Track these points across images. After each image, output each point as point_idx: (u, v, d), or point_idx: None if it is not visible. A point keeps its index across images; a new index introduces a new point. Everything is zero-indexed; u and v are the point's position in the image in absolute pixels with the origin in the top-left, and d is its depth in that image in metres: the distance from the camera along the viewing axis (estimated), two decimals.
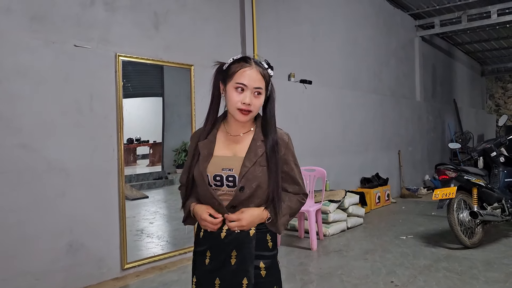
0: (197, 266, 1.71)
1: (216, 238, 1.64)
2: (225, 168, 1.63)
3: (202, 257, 1.68)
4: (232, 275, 1.61)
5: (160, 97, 5.20)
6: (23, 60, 3.36)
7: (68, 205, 3.59)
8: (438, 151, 11.05)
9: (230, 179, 1.62)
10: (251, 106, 1.60)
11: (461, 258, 4.40)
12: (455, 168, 4.88)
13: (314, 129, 6.55)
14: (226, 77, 1.64)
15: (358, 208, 6.12)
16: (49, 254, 3.46)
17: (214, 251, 1.65)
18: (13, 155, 3.28)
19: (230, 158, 1.65)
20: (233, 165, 1.63)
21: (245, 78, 1.59)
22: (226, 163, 1.64)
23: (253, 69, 1.61)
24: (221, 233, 1.63)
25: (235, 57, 1.67)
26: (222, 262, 1.63)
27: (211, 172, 1.63)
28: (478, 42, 12.73)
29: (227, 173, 1.62)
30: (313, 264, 4.38)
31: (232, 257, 1.62)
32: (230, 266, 1.62)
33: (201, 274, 1.68)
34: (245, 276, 1.61)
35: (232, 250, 1.62)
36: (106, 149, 3.90)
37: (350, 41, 7.70)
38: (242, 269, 1.61)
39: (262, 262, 1.64)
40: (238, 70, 1.60)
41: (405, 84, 9.69)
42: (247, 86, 1.59)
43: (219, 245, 1.64)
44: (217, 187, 1.64)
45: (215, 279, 1.63)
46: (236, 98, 1.59)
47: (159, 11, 4.45)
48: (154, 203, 5.11)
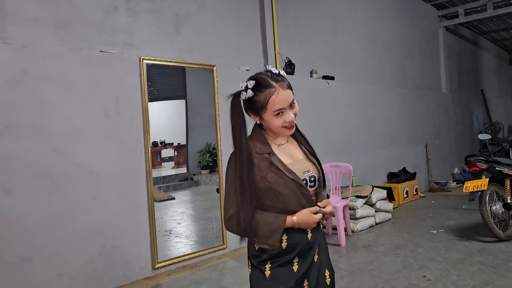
0: (282, 277, 1.61)
1: (303, 241, 1.64)
2: (305, 171, 1.67)
3: (288, 266, 1.62)
4: (318, 271, 1.67)
5: (183, 99, 5.27)
6: (51, 67, 3.46)
7: (99, 207, 3.68)
8: (467, 143, 10.78)
9: (312, 179, 1.68)
10: (294, 119, 1.63)
11: (495, 251, 4.29)
12: (486, 159, 4.75)
13: (338, 125, 6.49)
14: (257, 109, 1.60)
15: (386, 203, 6.03)
16: (83, 256, 3.55)
17: (302, 255, 1.65)
18: (46, 160, 3.38)
19: (298, 162, 1.68)
20: (307, 167, 1.68)
21: (280, 103, 1.57)
22: (302, 167, 1.67)
23: (281, 90, 1.57)
24: (308, 234, 1.66)
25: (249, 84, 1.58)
26: (310, 262, 1.66)
27: (299, 175, 1.63)
28: (505, 30, 12.35)
29: (309, 174, 1.67)
30: (342, 260, 4.34)
31: (315, 255, 1.68)
32: (315, 264, 1.67)
33: (291, 284, 1.61)
34: (326, 268, 1.71)
35: (316, 248, 1.69)
36: (133, 152, 3.97)
37: (372, 35, 7.61)
38: (325, 262, 1.71)
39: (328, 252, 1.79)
40: (268, 101, 1.56)
41: (429, 76, 9.50)
42: (285, 107, 1.59)
43: (307, 247, 1.66)
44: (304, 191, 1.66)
45: (304, 282, 1.64)
46: (279, 122, 1.59)
47: (180, 13, 4.51)
48: (181, 204, 5.18)
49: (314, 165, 1.71)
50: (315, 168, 1.70)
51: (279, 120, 1.59)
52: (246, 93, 1.58)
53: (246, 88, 1.58)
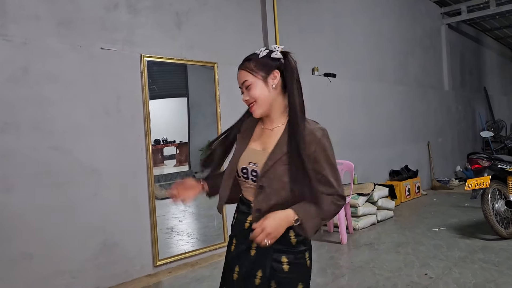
0: (228, 249, 1.76)
1: (241, 227, 1.68)
2: (251, 162, 1.63)
3: (230, 242, 1.75)
4: (250, 265, 1.62)
5: (185, 97, 5.25)
6: (52, 64, 3.45)
7: (100, 205, 3.68)
8: (469, 141, 10.74)
9: (253, 173, 1.61)
10: (250, 99, 1.63)
11: (497, 249, 4.27)
12: (488, 157, 4.74)
13: (340, 123, 6.48)
14: None
15: (388, 201, 6.02)
16: (84, 253, 3.55)
17: (238, 239, 1.69)
18: (47, 157, 3.38)
19: (258, 153, 1.64)
20: (258, 160, 1.61)
21: (237, 81, 1.67)
22: (253, 157, 1.64)
23: (239, 71, 1.66)
24: (245, 223, 1.66)
25: None
26: (243, 251, 1.65)
27: (240, 163, 1.66)
28: (508, 27, 12.29)
29: (252, 167, 1.62)
30: (343, 257, 4.33)
31: (252, 248, 1.63)
32: (250, 257, 1.63)
33: (227, 259, 1.74)
34: (260, 269, 1.59)
35: (252, 241, 1.54)
36: (134, 149, 3.97)
37: (374, 32, 7.58)
38: (259, 260, 1.60)
39: (284, 257, 1.58)
40: None
41: (432, 73, 9.46)
42: (240, 87, 1.67)
43: (242, 235, 1.66)
44: (243, 179, 1.66)
45: (236, 266, 1.67)
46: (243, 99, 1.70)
47: (181, 10, 4.49)
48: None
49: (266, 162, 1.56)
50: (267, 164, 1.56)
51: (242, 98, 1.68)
52: None
53: None
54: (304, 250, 1.65)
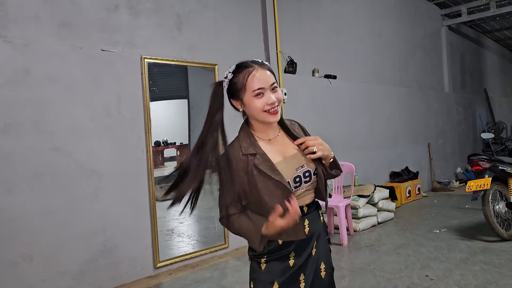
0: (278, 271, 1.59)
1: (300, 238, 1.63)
2: (298, 167, 1.61)
3: (284, 261, 1.60)
4: (314, 264, 1.65)
5: (185, 99, 5.25)
6: (52, 66, 3.46)
7: (101, 206, 3.68)
8: (470, 143, 10.73)
9: (306, 174, 1.62)
10: (276, 102, 1.55)
11: (498, 250, 4.26)
12: (488, 158, 4.73)
13: (341, 124, 6.47)
14: (237, 92, 1.56)
15: (388, 202, 6.01)
16: (84, 254, 3.55)
17: (299, 249, 1.62)
18: (48, 158, 3.38)
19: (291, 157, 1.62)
20: (301, 162, 1.62)
21: (260, 81, 1.53)
22: (295, 163, 1.61)
23: (259, 69, 1.55)
24: (305, 229, 1.62)
25: (230, 69, 1.58)
26: (307, 257, 1.63)
27: (290, 176, 1.57)
28: (508, 29, 12.29)
29: (302, 170, 1.61)
30: (344, 259, 4.33)
31: (313, 248, 1.65)
32: (312, 257, 1.64)
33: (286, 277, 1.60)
34: (322, 261, 1.67)
35: (314, 242, 1.65)
36: (135, 150, 3.97)
37: (374, 34, 7.58)
38: (322, 256, 1.68)
39: (330, 246, 1.76)
40: (247, 80, 1.53)
41: (432, 75, 9.46)
42: (264, 87, 1.54)
43: (305, 242, 1.62)
44: (296, 189, 1.60)
45: (300, 276, 1.62)
46: (260, 104, 1.53)
47: (181, 12, 4.50)
48: (183, 204, 5.16)
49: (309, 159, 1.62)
50: (309, 161, 1.63)
51: (260, 102, 1.53)
52: (227, 77, 1.57)
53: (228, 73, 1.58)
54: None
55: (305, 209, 1.64)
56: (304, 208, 1.63)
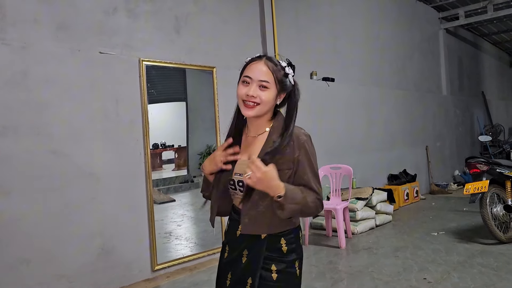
0: (221, 256, 1.75)
1: (233, 234, 1.68)
2: (237, 173, 1.62)
3: (223, 249, 1.73)
4: (241, 272, 1.62)
5: (184, 101, 5.26)
6: (50, 68, 3.45)
7: (98, 209, 3.67)
8: (468, 146, 10.75)
9: (240, 184, 1.60)
10: (256, 98, 1.53)
11: (496, 253, 4.27)
12: (486, 161, 4.74)
13: (339, 127, 6.48)
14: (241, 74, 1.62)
15: (386, 205, 6.02)
16: (82, 257, 3.54)
17: (231, 246, 1.69)
18: (45, 161, 3.37)
19: (244, 163, 1.60)
20: (243, 169, 1.56)
21: (251, 71, 1.56)
22: (239, 168, 1.62)
23: (261, 62, 1.57)
24: (237, 231, 1.65)
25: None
26: (235, 258, 1.65)
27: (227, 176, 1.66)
28: (505, 32, 12.34)
29: (238, 178, 1.61)
30: (342, 262, 4.32)
31: (243, 256, 1.62)
32: (241, 264, 1.62)
33: (220, 265, 1.73)
34: (250, 276, 1.58)
35: (244, 249, 1.62)
36: (133, 153, 3.96)
37: (372, 37, 7.60)
38: (250, 268, 1.59)
39: (274, 265, 1.57)
40: (247, 66, 1.59)
41: (430, 78, 9.49)
42: (252, 78, 1.54)
43: (235, 242, 1.66)
44: (232, 190, 1.67)
45: (228, 273, 1.66)
46: (242, 91, 1.55)
47: (180, 15, 4.50)
48: (181, 206, 5.16)
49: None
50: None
51: (242, 89, 1.56)
52: None
53: None
54: (295, 259, 1.61)
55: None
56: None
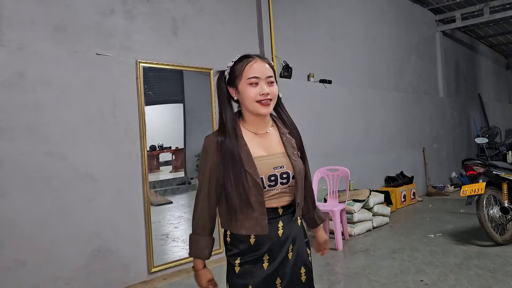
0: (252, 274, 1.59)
1: (274, 239, 1.60)
2: (276, 166, 1.59)
3: (259, 263, 1.59)
4: (292, 269, 1.63)
5: (181, 103, 5.26)
6: (47, 70, 3.44)
7: (95, 210, 3.66)
8: (464, 148, 10.79)
9: (284, 175, 1.60)
10: (270, 95, 1.57)
11: (493, 255, 4.27)
12: (483, 163, 4.75)
13: (336, 129, 6.49)
14: (234, 79, 1.61)
15: (384, 207, 6.02)
16: (78, 259, 3.52)
17: (273, 252, 1.60)
18: (41, 163, 3.36)
19: (275, 156, 1.61)
20: (281, 162, 1.61)
21: (256, 71, 1.57)
22: (275, 161, 1.60)
23: (259, 61, 1.60)
24: (279, 231, 1.61)
25: (234, 59, 1.65)
26: (283, 260, 1.61)
27: (265, 174, 1.56)
28: (502, 35, 12.41)
29: (281, 170, 1.59)
30: (339, 264, 4.32)
31: (289, 252, 1.63)
32: (289, 261, 1.63)
33: (260, 281, 1.59)
34: (302, 265, 1.66)
35: (289, 245, 1.63)
36: (130, 155, 3.95)
37: (369, 39, 7.62)
38: (301, 260, 1.66)
39: (308, 249, 1.73)
40: (245, 67, 1.59)
41: (427, 80, 9.52)
42: (259, 77, 1.57)
43: (277, 245, 1.61)
44: (270, 188, 1.59)
45: (276, 280, 1.60)
46: (253, 92, 1.56)
47: (177, 16, 4.50)
48: (178, 208, 5.15)
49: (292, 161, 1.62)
50: (291, 164, 1.62)
51: (253, 91, 1.56)
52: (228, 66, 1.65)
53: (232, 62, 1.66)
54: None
55: (280, 211, 1.62)
56: (279, 210, 1.62)
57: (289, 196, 1.64)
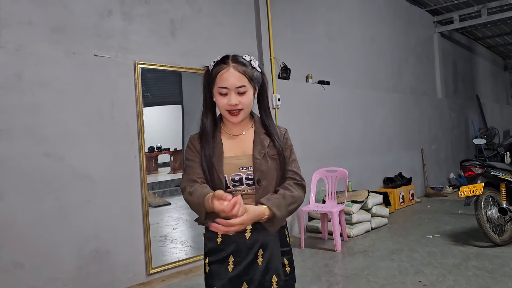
0: (218, 275, 1.59)
1: (240, 240, 1.58)
2: (242, 167, 1.61)
3: (224, 264, 1.59)
4: (261, 275, 1.57)
5: (179, 104, 5.25)
6: (45, 71, 3.44)
7: (93, 212, 3.65)
8: (463, 149, 10.81)
9: (250, 177, 1.60)
10: (239, 105, 1.57)
11: (491, 256, 4.28)
12: (481, 164, 4.75)
13: (335, 130, 6.49)
14: (210, 83, 1.62)
15: (382, 208, 6.02)
16: (76, 261, 3.51)
17: (238, 254, 1.58)
18: (39, 164, 3.35)
19: (244, 157, 1.63)
20: (249, 163, 1.61)
21: (224, 81, 1.56)
22: (242, 162, 1.62)
23: (230, 69, 1.56)
24: (246, 233, 1.58)
25: (216, 58, 1.63)
26: (249, 264, 1.57)
27: (228, 173, 1.61)
28: (499, 36, 12.44)
29: (246, 171, 1.61)
30: (338, 265, 4.32)
31: (259, 257, 1.58)
32: (258, 267, 1.57)
33: (225, 283, 1.58)
34: (274, 274, 1.58)
35: (259, 250, 1.58)
36: (128, 156, 3.95)
37: (367, 40, 7.63)
38: (272, 267, 1.58)
39: (285, 259, 1.65)
40: (217, 75, 1.58)
41: (425, 81, 9.53)
42: (228, 88, 1.56)
43: (244, 247, 1.58)
44: (235, 188, 1.61)
45: (242, 284, 1.57)
46: (222, 102, 1.58)
47: (175, 17, 4.50)
48: (177, 210, 5.15)
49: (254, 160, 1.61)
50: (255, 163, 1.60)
51: (223, 101, 1.58)
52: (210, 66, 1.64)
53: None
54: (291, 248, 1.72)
55: None
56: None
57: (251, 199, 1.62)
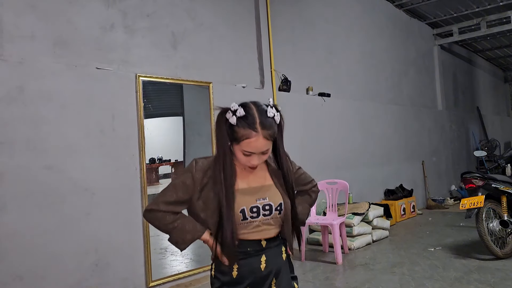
0: None
1: (256, 272, 1.61)
2: (259, 198, 1.62)
3: None
4: None
5: (181, 116, 5.27)
6: (47, 84, 3.46)
7: (93, 224, 3.64)
8: (464, 161, 10.79)
9: (266, 207, 1.62)
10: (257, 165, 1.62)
11: (493, 269, 4.25)
12: (482, 176, 4.75)
13: (335, 142, 6.50)
14: (232, 137, 1.56)
15: (383, 220, 6.00)
16: (76, 274, 3.50)
17: (255, 286, 1.62)
18: (40, 177, 3.36)
19: (260, 188, 1.65)
20: (265, 194, 1.63)
21: (252, 148, 1.53)
22: (258, 194, 1.63)
23: (259, 138, 1.51)
24: (261, 265, 1.62)
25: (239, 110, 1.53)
26: None
27: (247, 204, 1.60)
28: (499, 48, 12.51)
29: (263, 202, 1.62)
30: (339, 278, 4.29)
31: (272, 286, 1.63)
32: None
33: None
34: None
35: (272, 279, 1.63)
36: (128, 168, 3.95)
37: (367, 53, 7.68)
38: None
39: (295, 283, 1.71)
40: (244, 140, 1.52)
41: (425, 93, 9.57)
42: (254, 153, 1.56)
43: (260, 279, 1.62)
44: (252, 219, 1.61)
45: None
46: (243, 159, 1.58)
47: (177, 31, 4.55)
48: None
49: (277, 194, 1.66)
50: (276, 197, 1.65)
51: (245, 159, 1.58)
52: (231, 116, 1.53)
53: (235, 112, 1.53)
54: None
55: (264, 244, 1.63)
56: (262, 243, 1.62)
57: (274, 228, 1.66)
